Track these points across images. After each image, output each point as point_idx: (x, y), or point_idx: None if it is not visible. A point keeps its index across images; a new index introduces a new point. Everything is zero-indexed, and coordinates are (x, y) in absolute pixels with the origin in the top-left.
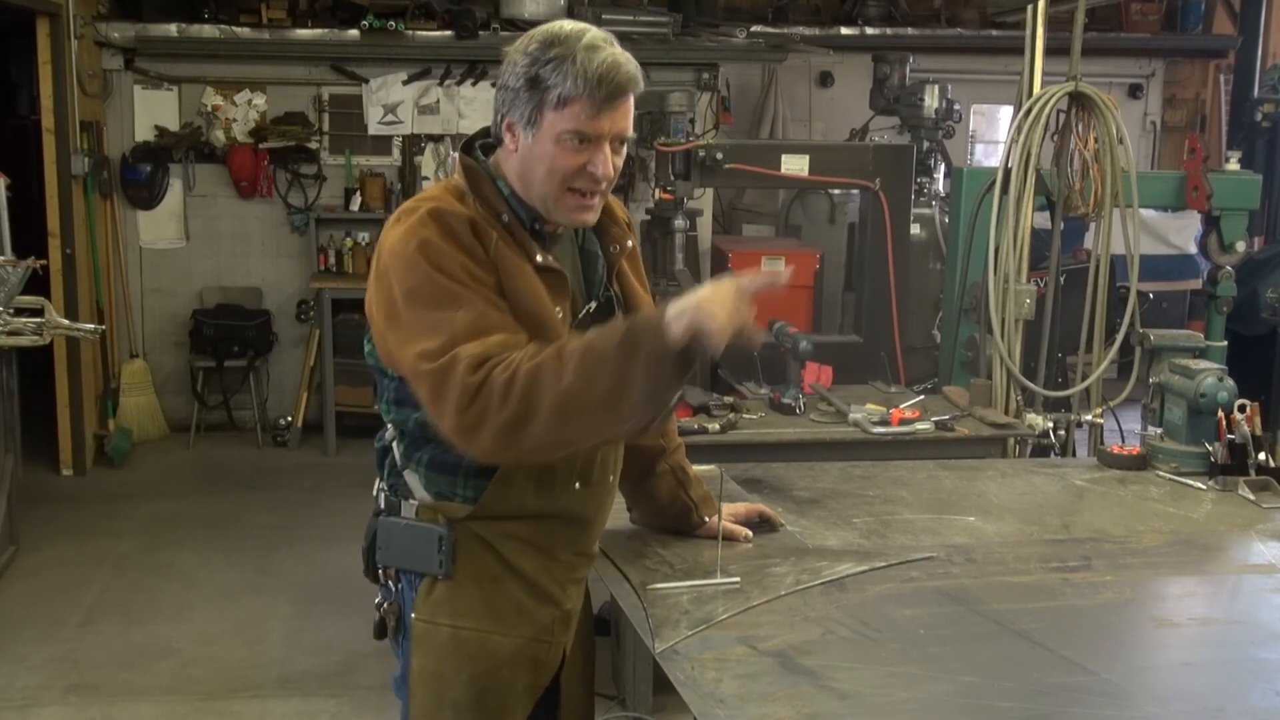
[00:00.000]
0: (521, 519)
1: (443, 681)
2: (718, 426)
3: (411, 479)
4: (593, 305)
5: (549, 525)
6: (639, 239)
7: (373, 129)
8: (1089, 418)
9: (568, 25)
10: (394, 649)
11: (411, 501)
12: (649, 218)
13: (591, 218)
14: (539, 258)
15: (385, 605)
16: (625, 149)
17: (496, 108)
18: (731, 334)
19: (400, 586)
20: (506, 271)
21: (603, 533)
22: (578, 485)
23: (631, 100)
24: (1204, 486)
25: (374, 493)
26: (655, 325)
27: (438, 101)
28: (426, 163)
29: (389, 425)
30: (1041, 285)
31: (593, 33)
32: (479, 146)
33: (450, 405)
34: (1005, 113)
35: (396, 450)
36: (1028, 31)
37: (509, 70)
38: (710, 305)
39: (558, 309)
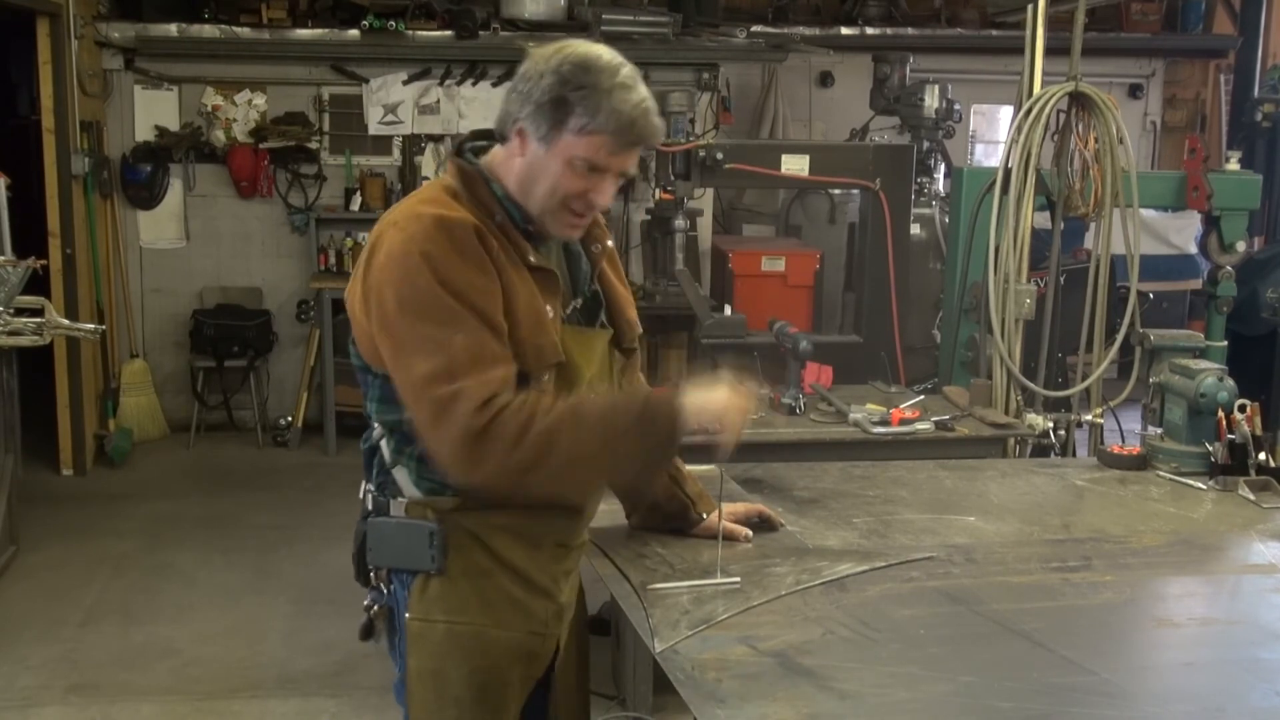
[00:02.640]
0: (510, 508)
1: (442, 679)
2: None
3: (401, 475)
4: (579, 302)
5: (538, 514)
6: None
7: (373, 129)
8: (1089, 418)
9: (605, 55)
10: (391, 653)
11: (400, 499)
12: (649, 218)
13: (578, 235)
14: (531, 257)
15: (375, 608)
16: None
17: (508, 108)
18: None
19: (392, 588)
20: (508, 274)
21: (603, 533)
22: None
23: None
24: (1204, 486)
25: (360, 495)
26: (673, 414)
27: (438, 101)
28: (426, 163)
29: (376, 424)
30: (1041, 285)
31: (627, 70)
32: (470, 149)
33: (453, 438)
34: (1005, 113)
35: (386, 447)
36: (1028, 31)
37: (533, 82)
38: (729, 422)
39: (548, 307)
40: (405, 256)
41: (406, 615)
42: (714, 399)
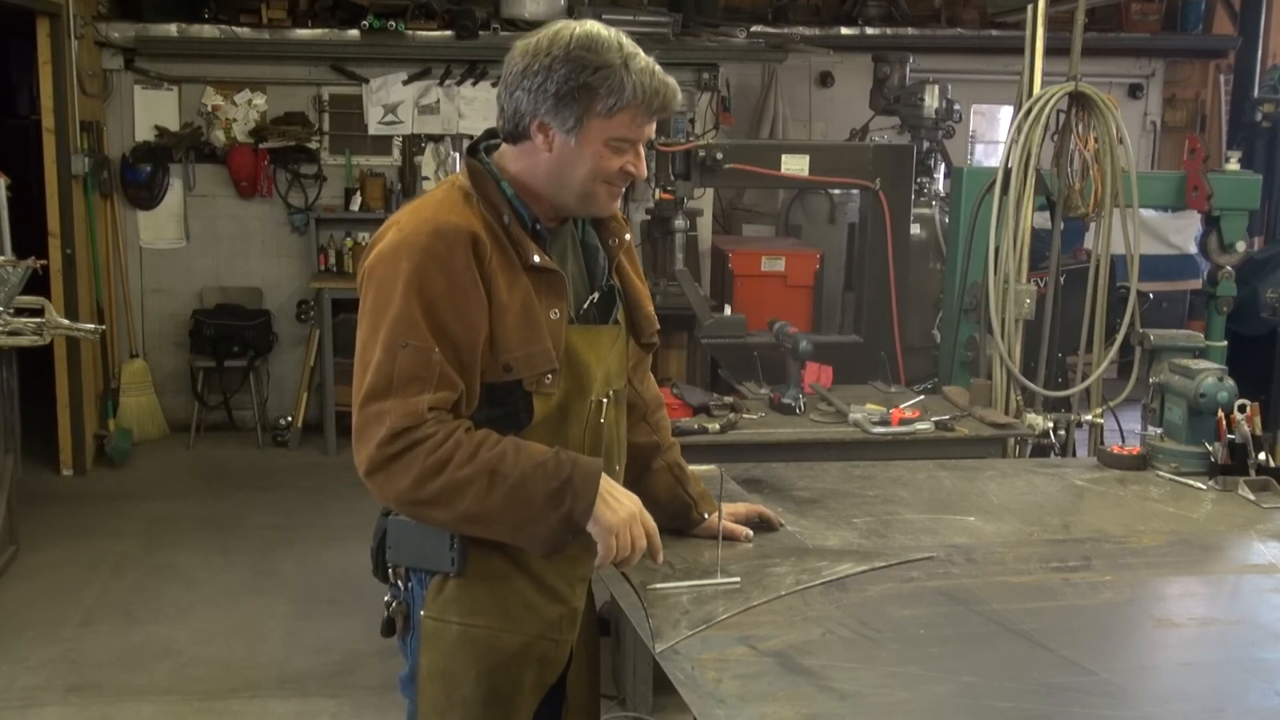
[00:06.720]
0: None
1: (452, 679)
2: (718, 426)
3: None
4: (595, 296)
5: None
6: (634, 236)
7: (373, 129)
8: (1089, 418)
9: (600, 30)
10: (401, 648)
11: None
12: (649, 218)
13: (617, 205)
14: (536, 258)
15: (394, 604)
16: None
17: (518, 108)
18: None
19: (410, 585)
20: (499, 285)
21: None
22: None
23: None
24: (1204, 486)
25: None
26: (588, 500)
27: (438, 101)
28: (426, 163)
29: None
30: (1041, 285)
31: (626, 39)
32: (482, 148)
33: (364, 459)
34: (1005, 113)
35: None
36: (1028, 31)
37: (543, 75)
38: (619, 541)
39: (553, 310)
40: (394, 260)
41: (422, 613)
42: (623, 515)
